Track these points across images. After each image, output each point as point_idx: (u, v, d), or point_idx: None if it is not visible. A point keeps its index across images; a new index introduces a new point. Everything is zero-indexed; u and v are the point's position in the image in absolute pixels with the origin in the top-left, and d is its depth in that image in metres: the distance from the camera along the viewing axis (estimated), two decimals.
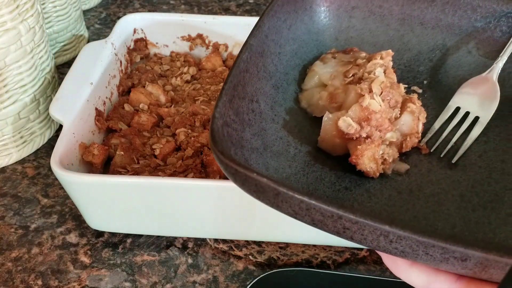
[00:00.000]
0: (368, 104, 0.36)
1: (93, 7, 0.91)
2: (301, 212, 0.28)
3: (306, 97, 0.42)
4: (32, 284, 0.47)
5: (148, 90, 0.62)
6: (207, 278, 0.48)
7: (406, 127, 0.39)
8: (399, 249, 0.26)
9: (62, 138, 0.49)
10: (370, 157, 0.36)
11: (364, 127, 0.36)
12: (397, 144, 0.39)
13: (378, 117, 0.36)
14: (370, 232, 0.26)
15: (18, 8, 0.53)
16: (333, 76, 0.42)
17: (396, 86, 0.39)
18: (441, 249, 0.25)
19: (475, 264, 0.25)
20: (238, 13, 0.90)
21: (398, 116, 0.39)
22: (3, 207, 0.54)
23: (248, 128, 0.36)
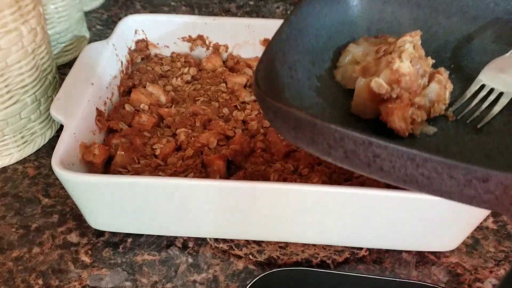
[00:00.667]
0: (398, 67, 0.39)
1: (95, 9, 0.91)
2: (335, 144, 0.30)
3: (340, 71, 0.46)
4: (33, 283, 0.47)
5: (149, 90, 0.62)
6: (207, 278, 0.48)
7: (434, 95, 0.41)
8: (425, 175, 0.27)
9: (63, 138, 0.49)
10: (400, 116, 0.38)
11: (394, 88, 0.39)
12: (425, 108, 0.41)
13: (407, 79, 0.39)
14: (398, 158, 0.28)
15: (20, 9, 0.53)
16: (365, 53, 0.45)
17: (424, 59, 0.42)
18: (464, 170, 0.26)
19: (496, 185, 0.26)
20: (238, 15, 0.91)
21: (427, 84, 0.41)
22: (4, 207, 0.54)
23: (286, 90, 0.40)
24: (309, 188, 0.45)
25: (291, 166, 0.52)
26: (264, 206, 0.46)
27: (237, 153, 0.53)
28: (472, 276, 0.49)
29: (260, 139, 0.55)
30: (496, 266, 0.50)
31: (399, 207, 0.45)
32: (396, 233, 0.48)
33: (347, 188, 0.45)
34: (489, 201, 0.27)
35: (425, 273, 0.49)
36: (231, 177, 0.52)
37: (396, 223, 0.47)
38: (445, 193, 0.28)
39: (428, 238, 0.49)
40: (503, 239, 0.52)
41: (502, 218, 0.54)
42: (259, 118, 0.58)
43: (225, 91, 0.62)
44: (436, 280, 0.48)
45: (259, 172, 0.51)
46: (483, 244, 0.52)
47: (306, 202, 0.46)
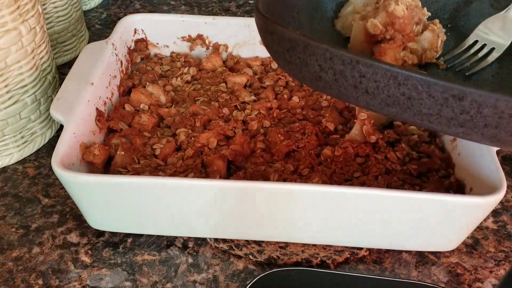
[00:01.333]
0: (393, 9, 0.41)
1: (94, 8, 0.91)
2: (325, 65, 0.31)
3: (341, 21, 0.47)
4: (33, 283, 0.47)
5: (149, 90, 0.62)
6: (207, 278, 0.48)
7: (427, 42, 0.43)
8: (406, 95, 0.29)
9: (63, 138, 0.49)
10: (392, 57, 0.40)
11: (389, 30, 0.41)
12: (417, 53, 0.43)
13: (401, 22, 0.41)
14: (382, 76, 0.29)
15: (19, 8, 0.53)
16: (366, 4, 0.47)
17: (421, 8, 0.44)
18: (442, 87, 0.27)
19: (471, 103, 0.27)
20: (238, 14, 0.91)
21: (420, 32, 0.43)
22: (4, 207, 0.54)
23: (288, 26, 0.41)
24: (309, 188, 0.45)
25: (291, 166, 0.52)
26: (264, 206, 0.46)
27: (237, 153, 0.53)
28: (472, 276, 0.49)
29: (260, 139, 0.55)
30: (496, 266, 0.50)
31: (399, 207, 0.45)
32: (396, 233, 0.48)
33: (347, 188, 0.45)
34: (465, 123, 0.28)
35: (425, 273, 0.49)
36: (231, 177, 0.52)
37: (396, 223, 0.47)
38: (425, 116, 0.29)
39: (428, 238, 0.49)
40: (503, 239, 0.52)
41: (502, 218, 0.55)
42: (259, 118, 0.58)
43: (225, 91, 0.62)
44: (436, 280, 0.48)
45: (259, 172, 0.51)
46: (483, 244, 0.52)
47: (306, 202, 0.46)
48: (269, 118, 0.58)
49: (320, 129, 0.57)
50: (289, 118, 0.59)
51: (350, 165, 0.52)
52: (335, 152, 0.53)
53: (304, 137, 0.55)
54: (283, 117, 0.59)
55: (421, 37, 0.44)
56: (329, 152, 0.53)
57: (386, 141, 0.56)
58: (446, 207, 0.45)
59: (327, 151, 0.53)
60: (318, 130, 0.56)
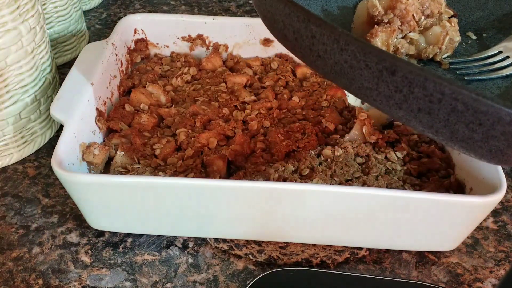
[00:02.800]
0: None
1: (94, 8, 0.91)
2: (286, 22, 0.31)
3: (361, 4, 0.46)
4: (33, 283, 0.47)
5: (149, 90, 0.62)
6: (207, 278, 0.48)
7: (433, 37, 0.41)
8: (348, 62, 0.28)
9: (63, 138, 0.49)
10: (384, 41, 0.39)
11: (388, 14, 0.39)
12: (418, 46, 0.41)
13: (402, 8, 0.39)
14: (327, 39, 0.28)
15: (19, 8, 0.53)
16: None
17: (438, 2, 0.42)
18: (376, 57, 0.27)
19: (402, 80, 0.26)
20: (238, 14, 0.91)
21: (429, 26, 0.41)
22: (4, 207, 0.54)
23: None
24: (309, 188, 0.45)
25: (291, 166, 0.52)
26: (264, 206, 0.46)
27: (237, 153, 0.53)
28: (472, 276, 0.49)
29: (260, 139, 0.55)
30: (496, 266, 0.50)
31: (399, 207, 0.45)
32: (396, 233, 0.48)
33: (347, 188, 0.45)
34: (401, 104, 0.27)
35: (425, 273, 0.49)
36: (231, 177, 0.52)
37: (396, 223, 0.47)
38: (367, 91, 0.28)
39: (428, 238, 0.49)
40: (503, 239, 0.52)
41: (502, 218, 0.55)
42: (259, 118, 0.58)
43: (225, 91, 0.62)
44: (436, 280, 0.48)
45: (259, 172, 0.51)
46: (483, 244, 0.52)
47: (306, 202, 0.46)
48: (269, 118, 0.58)
49: (320, 129, 0.57)
50: (289, 118, 0.59)
51: (350, 165, 0.52)
52: (335, 152, 0.53)
53: (304, 137, 0.55)
54: (283, 117, 0.59)
55: (429, 31, 0.42)
56: (329, 152, 0.53)
57: (386, 141, 0.56)
58: (446, 207, 0.45)
59: (327, 151, 0.53)
60: (318, 130, 0.56)
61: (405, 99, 0.26)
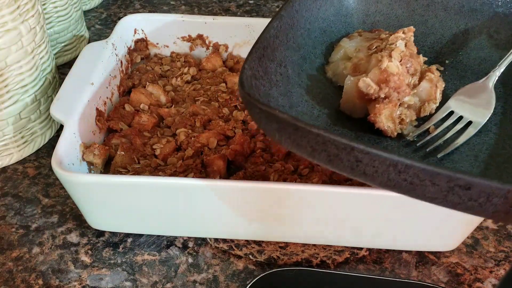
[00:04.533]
0: (386, 66, 0.38)
1: (94, 8, 0.91)
2: (318, 148, 0.30)
3: (332, 68, 0.45)
4: (33, 283, 0.47)
5: (149, 90, 0.62)
6: (207, 278, 0.48)
7: (425, 93, 0.41)
8: (408, 181, 0.27)
9: (63, 138, 0.49)
10: (388, 116, 0.38)
11: (383, 88, 0.38)
12: (415, 108, 0.41)
13: (396, 79, 0.38)
14: (380, 163, 0.28)
15: (19, 8, 0.53)
16: (357, 49, 0.44)
17: (416, 56, 0.41)
18: (446, 178, 0.26)
19: (479, 193, 0.26)
20: (238, 14, 0.91)
21: (417, 83, 0.41)
22: (4, 207, 0.54)
23: (275, 88, 0.39)
24: (309, 188, 0.45)
25: (291, 166, 0.52)
26: (264, 206, 0.46)
27: (237, 153, 0.53)
28: (472, 276, 0.49)
29: (260, 139, 0.55)
30: (496, 266, 0.50)
31: (399, 207, 0.45)
32: (396, 233, 0.48)
33: (347, 188, 0.45)
34: (473, 207, 0.27)
35: (425, 273, 0.49)
36: (231, 177, 0.52)
37: (396, 223, 0.47)
38: (428, 198, 0.28)
39: (428, 238, 0.49)
40: (503, 239, 0.52)
41: None
42: None
43: (225, 91, 0.62)
44: (436, 280, 0.48)
45: (259, 172, 0.51)
46: (483, 244, 0.52)
47: (306, 202, 0.46)
48: None
49: None
50: None
51: None
52: None
53: None
54: None
55: (418, 89, 0.41)
56: None
57: None
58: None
59: None
60: None
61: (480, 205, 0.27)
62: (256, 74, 0.37)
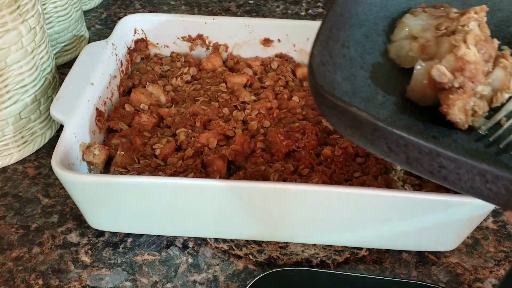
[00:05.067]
0: (463, 53, 0.35)
1: (94, 8, 0.91)
2: (396, 149, 0.28)
3: (395, 48, 0.42)
4: (33, 283, 0.47)
5: (149, 90, 0.62)
6: (208, 278, 0.48)
7: (498, 82, 0.38)
8: (493, 190, 0.26)
9: (63, 138, 0.49)
10: (461, 108, 0.36)
11: (457, 77, 0.36)
12: (487, 98, 0.38)
13: (472, 68, 0.35)
14: (466, 171, 0.26)
15: (19, 8, 0.53)
16: (424, 28, 0.41)
17: (490, 40, 0.38)
18: None
19: None
20: (238, 14, 0.91)
21: (491, 70, 0.38)
22: (4, 207, 0.54)
23: (339, 72, 0.37)
24: (309, 188, 0.45)
25: (291, 166, 0.52)
26: (264, 206, 0.46)
27: (237, 153, 0.53)
28: (472, 276, 0.49)
29: (260, 139, 0.55)
30: (496, 266, 0.50)
31: (399, 207, 0.45)
32: (396, 233, 0.48)
33: (347, 188, 0.45)
34: None
35: (425, 273, 0.49)
36: (231, 177, 0.52)
37: (396, 223, 0.47)
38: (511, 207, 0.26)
39: (428, 238, 0.49)
40: (503, 239, 0.52)
41: (502, 218, 0.55)
42: (259, 118, 0.58)
43: (225, 91, 0.62)
44: (436, 280, 0.48)
45: (259, 172, 0.51)
46: (483, 244, 0.52)
47: (306, 202, 0.46)
48: (269, 118, 0.58)
49: (320, 129, 0.57)
50: (289, 118, 0.59)
51: (350, 165, 0.52)
52: (335, 152, 0.53)
53: (304, 137, 0.55)
54: (283, 117, 0.59)
55: (491, 76, 0.38)
56: (329, 152, 0.53)
57: None
58: (446, 207, 0.45)
59: (327, 151, 0.53)
60: (318, 130, 0.56)
61: None
62: (323, 59, 0.35)
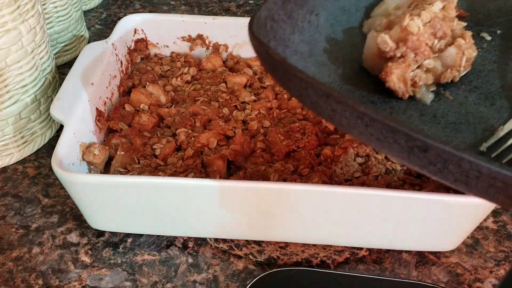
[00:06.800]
0: (406, 24, 0.37)
1: (94, 8, 0.91)
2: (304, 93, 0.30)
3: (369, 23, 0.44)
4: (33, 283, 0.47)
5: (149, 90, 0.62)
6: (207, 278, 0.48)
7: (450, 60, 0.39)
8: (374, 135, 0.28)
9: (63, 138, 0.49)
10: (400, 77, 0.37)
11: (400, 47, 0.37)
12: (435, 72, 0.39)
13: (414, 39, 0.37)
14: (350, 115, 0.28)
15: (19, 8, 0.53)
16: (398, 6, 0.43)
17: (450, 20, 0.39)
18: (405, 136, 0.26)
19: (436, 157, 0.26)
20: (238, 14, 0.91)
21: (443, 48, 0.39)
22: (4, 207, 0.54)
23: (298, 33, 0.38)
24: (309, 188, 0.45)
25: (291, 166, 0.52)
26: (264, 206, 0.46)
27: (237, 153, 0.53)
28: (472, 276, 0.49)
29: (260, 139, 0.55)
30: (496, 266, 0.50)
31: (399, 207, 0.45)
32: (396, 233, 0.48)
33: (347, 188, 0.45)
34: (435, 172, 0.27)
35: (425, 273, 0.49)
36: (231, 177, 0.52)
37: (396, 223, 0.47)
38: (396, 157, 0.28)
39: (428, 238, 0.49)
40: (503, 239, 0.52)
41: (502, 218, 0.55)
42: (259, 118, 0.58)
43: (225, 91, 0.62)
44: (436, 280, 0.48)
45: (259, 172, 0.51)
46: (483, 244, 0.52)
47: (306, 202, 0.46)
48: (269, 118, 0.58)
49: (320, 129, 0.57)
50: (289, 118, 0.59)
51: (350, 165, 0.52)
52: (335, 152, 0.53)
53: (304, 137, 0.55)
54: (283, 117, 0.59)
55: (444, 54, 0.39)
56: (329, 152, 0.53)
57: None
58: (446, 207, 0.45)
59: (327, 151, 0.53)
60: (318, 130, 0.56)
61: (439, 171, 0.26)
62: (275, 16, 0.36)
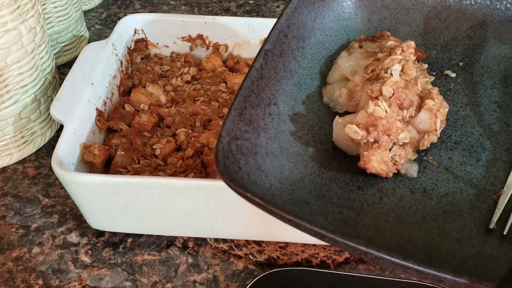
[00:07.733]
0: (372, 110, 0.36)
1: (94, 8, 0.91)
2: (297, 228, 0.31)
3: (328, 91, 0.42)
4: (33, 283, 0.47)
5: (149, 90, 0.62)
6: (207, 278, 0.48)
7: (424, 125, 0.38)
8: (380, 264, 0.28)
9: (63, 138, 0.49)
10: (379, 161, 0.36)
11: (371, 133, 0.36)
12: (412, 143, 0.38)
13: (384, 123, 0.36)
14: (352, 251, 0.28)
15: (19, 8, 0.53)
16: (354, 71, 0.41)
17: (413, 84, 0.38)
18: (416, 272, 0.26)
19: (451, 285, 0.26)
20: (238, 14, 0.91)
21: (413, 115, 0.38)
22: (4, 207, 0.54)
23: (263, 133, 0.36)
24: None
25: None
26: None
27: None
28: None
29: None
30: None
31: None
32: None
33: None
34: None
35: None
36: None
37: None
38: None
39: None
40: None
41: None
42: None
43: (225, 91, 0.62)
44: None
45: None
46: None
47: None
48: None
49: None
50: None
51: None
52: None
53: None
54: None
55: (416, 119, 0.38)
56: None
57: None
58: None
59: None
60: None
61: None
62: (236, 134, 0.34)
